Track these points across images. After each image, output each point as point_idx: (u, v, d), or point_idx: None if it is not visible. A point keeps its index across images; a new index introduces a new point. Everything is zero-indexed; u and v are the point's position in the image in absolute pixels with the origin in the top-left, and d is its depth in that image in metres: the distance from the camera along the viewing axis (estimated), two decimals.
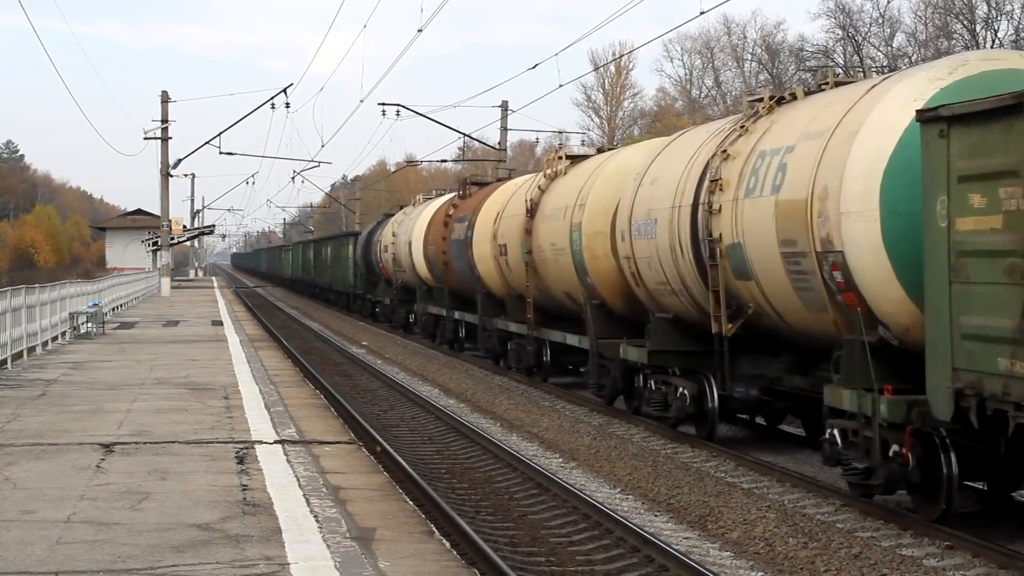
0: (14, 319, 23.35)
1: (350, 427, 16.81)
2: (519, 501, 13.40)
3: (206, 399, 17.39)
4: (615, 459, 15.86)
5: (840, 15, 68.98)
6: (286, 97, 53.54)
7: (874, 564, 10.43)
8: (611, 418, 19.54)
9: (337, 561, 8.29)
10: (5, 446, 13.06)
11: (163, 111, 57.28)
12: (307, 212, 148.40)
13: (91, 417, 15.43)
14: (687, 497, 13.43)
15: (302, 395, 19.03)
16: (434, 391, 24.56)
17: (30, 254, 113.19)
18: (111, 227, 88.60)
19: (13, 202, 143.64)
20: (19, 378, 20.57)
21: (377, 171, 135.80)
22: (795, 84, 57.13)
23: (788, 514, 12.33)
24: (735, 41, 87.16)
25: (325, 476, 11.61)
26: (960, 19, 64.61)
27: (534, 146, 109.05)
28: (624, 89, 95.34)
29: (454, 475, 15.06)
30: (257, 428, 14.55)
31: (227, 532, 9.05)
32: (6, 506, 9.98)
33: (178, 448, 12.99)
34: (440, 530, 10.46)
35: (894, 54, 67.25)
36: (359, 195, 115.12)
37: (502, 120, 52.99)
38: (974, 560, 10.57)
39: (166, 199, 58.48)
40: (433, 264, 33.62)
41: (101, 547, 8.60)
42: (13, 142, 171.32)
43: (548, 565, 10.69)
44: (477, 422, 19.68)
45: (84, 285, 36.39)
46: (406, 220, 39.58)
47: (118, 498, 10.31)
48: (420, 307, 36.70)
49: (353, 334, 41.80)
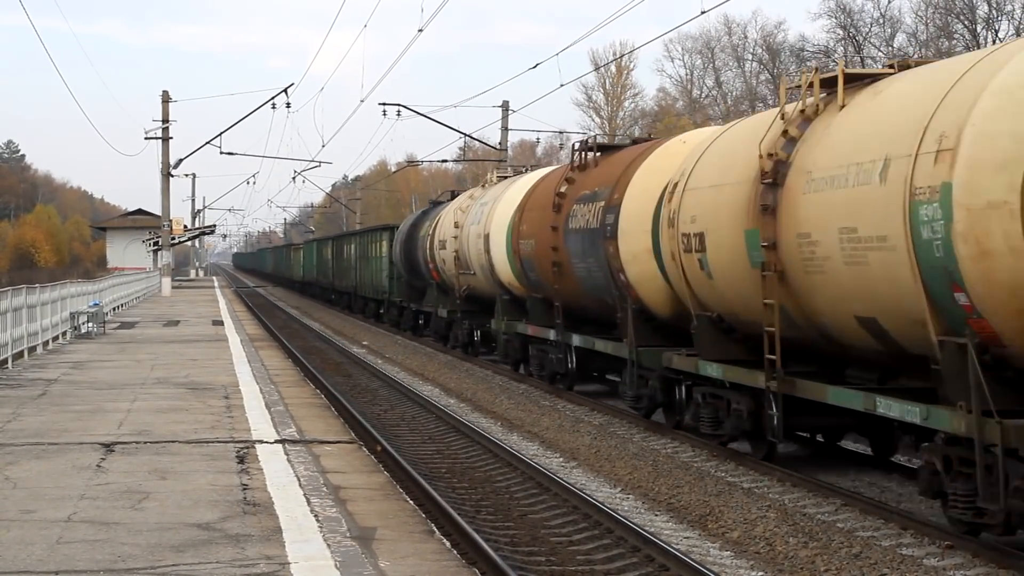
0: (14, 319, 23.35)
1: (350, 427, 16.81)
2: (519, 500, 13.40)
3: (206, 399, 17.39)
4: (615, 459, 15.86)
5: (841, 15, 69.10)
6: (287, 97, 53.64)
7: (874, 564, 10.43)
8: (611, 417, 19.53)
9: (337, 560, 8.29)
10: (5, 446, 13.07)
11: (164, 111, 57.32)
12: (308, 212, 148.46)
13: (91, 417, 15.43)
14: (687, 497, 13.42)
15: (302, 395, 19.03)
16: (435, 391, 24.56)
17: (30, 254, 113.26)
18: (111, 227, 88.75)
19: (13, 202, 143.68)
20: (20, 378, 20.57)
21: (377, 171, 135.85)
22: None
23: (788, 514, 12.33)
24: (736, 41, 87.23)
25: (325, 476, 11.61)
26: (961, 19, 64.61)
27: (535, 146, 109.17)
28: (625, 89, 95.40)
29: (454, 474, 15.05)
30: (257, 428, 14.55)
31: (227, 532, 9.05)
32: (6, 506, 9.98)
33: (178, 448, 13.00)
34: (440, 530, 10.46)
35: (895, 54, 67.22)
36: (359, 195, 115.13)
37: (503, 120, 52.99)
38: (974, 560, 10.56)
39: (167, 199, 58.53)
40: (530, 265, 23.27)
41: (101, 547, 8.60)
42: (13, 142, 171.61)
43: (548, 565, 10.68)
44: (477, 421, 19.69)
45: (85, 285, 36.40)
46: (476, 206, 29.17)
47: (118, 498, 10.31)
48: (502, 324, 26.11)
49: (354, 333, 41.79)
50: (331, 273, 62.08)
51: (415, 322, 39.30)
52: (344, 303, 58.28)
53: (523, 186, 25.78)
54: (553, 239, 21.27)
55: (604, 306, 19.58)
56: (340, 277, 58.44)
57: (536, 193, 23.82)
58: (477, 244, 27.76)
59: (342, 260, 57.31)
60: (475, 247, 28.05)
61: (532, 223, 23.01)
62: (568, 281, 21.04)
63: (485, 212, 27.52)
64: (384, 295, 44.53)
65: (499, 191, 27.72)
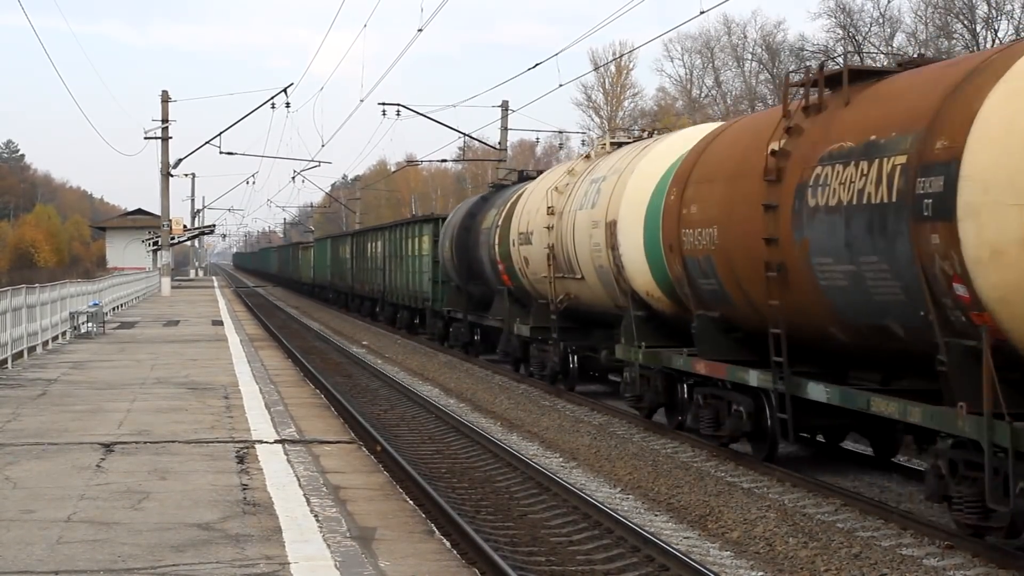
0: (14, 319, 23.35)
1: (350, 426, 16.81)
2: (519, 501, 13.40)
3: (206, 399, 17.39)
4: (615, 459, 15.86)
5: (840, 15, 69.07)
6: (286, 97, 53.61)
7: (874, 564, 10.43)
8: (611, 417, 19.53)
9: (337, 560, 8.29)
10: (5, 446, 13.06)
11: (163, 111, 57.32)
12: (307, 212, 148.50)
13: (91, 417, 15.43)
14: (687, 497, 13.43)
15: (302, 395, 19.03)
16: (435, 391, 24.56)
17: (30, 254, 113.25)
18: (111, 227, 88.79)
19: (13, 202, 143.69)
20: (19, 378, 20.57)
21: (377, 171, 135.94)
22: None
23: (788, 514, 12.33)
24: (735, 41, 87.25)
25: (325, 476, 11.61)
26: (960, 19, 64.61)
27: (534, 146, 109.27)
28: (624, 89, 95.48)
29: (454, 474, 15.05)
30: (257, 428, 14.54)
31: (227, 532, 9.04)
32: (6, 506, 9.97)
33: (178, 448, 12.99)
34: (440, 530, 10.46)
35: (894, 54, 67.23)
36: (359, 195, 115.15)
37: (502, 120, 52.99)
38: (974, 560, 10.57)
39: (166, 199, 58.53)
40: (707, 267, 15.36)
41: (101, 547, 8.60)
42: (13, 142, 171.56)
43: (548, 565, 10.69)
44: (477, 421, 19.68)
45: (84, 285, 36.39)
46: (582, 184, 21.04)
47: (118, 498, 10.31)
48: (636, 355, 17.93)
49: (353, 334, 41.79)
50: (350, 275, 54.67)
51: (470, 338, 31.51)
52: (366, 310, 50.98)
53: (671, 150, 18.14)
54: (767, 225, 13.44)
55: (884, 336, 11.94)
56: (362, 280, 50.96)
57: (713, 156, 15.64)
58: (590, 236, 19.66)
59: (365, 260, 50.19)
60: (585, 241, 19.88)
61: (711, 202, 15.20)
62: (801, 294, 13.04)
63: (604, 192, 19.35)
64: (426, 302, 36.53)
65: (624, 161, 19.37)
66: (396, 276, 41.98)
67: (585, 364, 22.71)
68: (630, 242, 18.18)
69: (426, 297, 36.42)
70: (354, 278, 53.33)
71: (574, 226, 20.60)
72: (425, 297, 36.55)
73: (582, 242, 20.14)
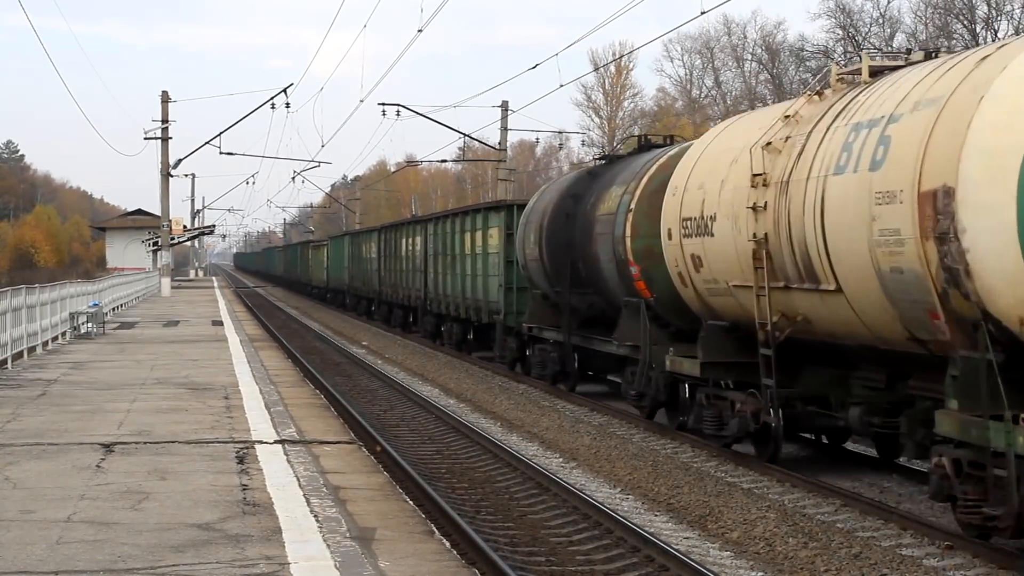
0: (14, 319, 23.35)
1: (350, 427, 16.80)
2: (519, 501, 13.40)
3: (206, 399, 17.38)
4: (615, 459, 15.86)
5: (840, 15, 69.03)
6: (286, 97, 53.60)
7: (874, 564, 10.44)
8: (611, 418, 19.53)
9: (337, 561, 8.29)
10: (5, 446, 13.06)
11: (163, 111, 57.31)
12: (307, 212, 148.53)
13: (91, 417, 15.43)
14: (687, 497, 13.43)
15: (302, 395, 19.02)
16: (434, 391, 24.55)
17: (30, 254, 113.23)
18: (111, 227, 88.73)
19: (13, 202, 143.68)
20: (19, 378, 20.57)
21: (377, 171, 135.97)
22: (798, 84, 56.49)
23: (788, 514, 12.33)
24: (735, 41, 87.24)
25: (325, 476, 11.60)
26: (960, 19, 64.60)
27: (534, 146, 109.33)
28: (624, 89, 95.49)
29: (454, 475, 15.05)
30: (257, 428, 14.54)
31: (227, 532, 9.04)
32: (6, 506, 9.97)
33: (178, 448, 12.99)
34: (440, 530, 10.46)
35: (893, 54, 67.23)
36: (359, 195, 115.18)
37: (502, 120, 52.99)
38: (974, 560, 10.57)
39: (166, 199, 58.52)
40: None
41: (101, 547, 8.60)
42: (13, 142, 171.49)
43: (548, 565, 10.69)
44: (477, 422, 19.68)
45: (84, 285, 36.39)
46: (834, 136, 12.63)
47: (118, 498, 10.31)
48: (1011, 437, 9.79)
49: (353, 334, 41.77)
50: (376, 278, 46.20)
51: (582, 371, 23.05)
52: (397, 319, 43.03)
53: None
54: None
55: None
56: (394, 284, 42.64)
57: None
58: (871, 219, 11.51)
59: (397, 259, 41.97)
60: (856, 226, 11.82)
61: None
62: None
63: (902, 139, 11.23)
64: (494, 315, 28.12)
65: (948, 83, 10.98)
66: (444, 280, 33.92)
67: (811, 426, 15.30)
68: (986, 224, 10.21)
69: (495, 309, 28.09)
70: (382, 282, 45.26)
71: (822, 201, 12.53)
72: (493, 309, 28.24)
73: (846, 228, 12.08)
